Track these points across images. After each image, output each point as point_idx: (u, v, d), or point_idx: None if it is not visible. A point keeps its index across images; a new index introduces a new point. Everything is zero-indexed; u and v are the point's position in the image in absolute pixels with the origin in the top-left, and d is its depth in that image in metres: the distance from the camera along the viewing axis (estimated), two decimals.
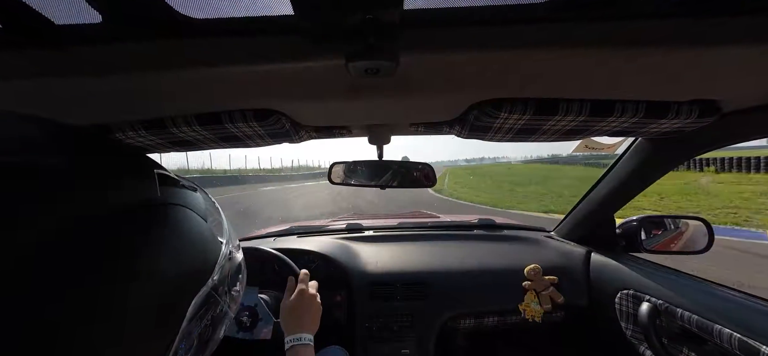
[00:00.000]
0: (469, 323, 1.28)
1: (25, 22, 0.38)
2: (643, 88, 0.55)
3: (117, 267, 0.23)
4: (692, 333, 0.86)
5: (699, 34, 0.39)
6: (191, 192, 0.34)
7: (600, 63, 0.45)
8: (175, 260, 0.28)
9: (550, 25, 0.40)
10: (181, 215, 0.30)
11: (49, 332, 0.19)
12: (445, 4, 0.38)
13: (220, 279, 0.34)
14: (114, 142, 0.30)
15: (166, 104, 0.58)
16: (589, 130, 0.68)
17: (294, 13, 0.36)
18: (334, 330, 1.25)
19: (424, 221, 1.85)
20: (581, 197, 1.31)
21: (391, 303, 1.24)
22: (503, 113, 0.59)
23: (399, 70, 0.43)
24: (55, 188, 0.22)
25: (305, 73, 0.47)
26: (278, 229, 1.72)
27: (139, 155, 0.32)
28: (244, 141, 0.75)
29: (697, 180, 16.83)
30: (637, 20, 0.39)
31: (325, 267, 1.31)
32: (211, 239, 0.34)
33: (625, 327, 1.07)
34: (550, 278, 1.25)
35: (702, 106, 0.60)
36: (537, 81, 0.52)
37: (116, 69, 0.44)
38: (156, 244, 0.27)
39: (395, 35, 0.38)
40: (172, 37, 0.41)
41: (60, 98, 0.51)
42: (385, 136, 0.91)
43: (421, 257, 1.38)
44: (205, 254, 0.32)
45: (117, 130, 0.65)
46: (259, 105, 0.60)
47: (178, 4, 0.36)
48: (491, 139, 0.74)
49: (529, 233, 1.61)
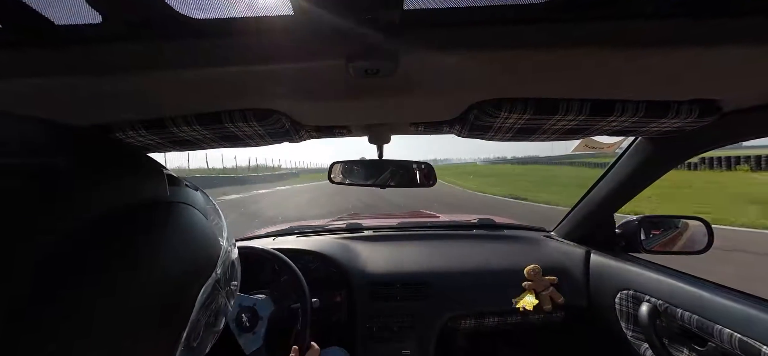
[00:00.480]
0: (469, 323, 1.28)
1: (25, 22, 0.38)
2: (643, 87, 0.55)
3: (137, 261, 0.25)
4: (692, 333, 0.86)
5: (699, 34, 0.39)
6: (193, 192, 0.36)
7: (600, 63, 0.45)
8: (185, 255, 0.30)
9: (550, 25, 0.40)
10: (188, 213, 0.32)
11: (78, 323, 0.21)
12: (445, 4, 0.38)
13: (222, 272, 0.36)
14: (119, 143, 0.31)
15: (166, 104, 0.58)
16: (589, 129, 0.68)
17: (294, 13, 0.36)
18: (334, 331, 1.25)
19: (424, 221, 1.85)
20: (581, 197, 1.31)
21: (391, 303, 1.24)
22: (503, 112, 0.59)
23: (399, 71, 0.43)
24: (75, 189, 0.23)
25: (305, 73, 0.47)
26: (278, 229, 1.71)
27: (148, 157, 0.33)
28: (244, 141, 0.75)
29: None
30: (637, 20, 0.39)
31: (324, 267, 1.31)
32: (213, 235, 0.36)
33: (625, 327, 1.07)
34: (550, 278, 1.25)
35: (702, 105, 0.60)
36: (537, 81, 0.52)
37: (116, 69, 0.44)
38: (168, 240, 0.29)
39: (395, 35, 0.38)
40: (172, 37, 0.41)
41: (60, 98, 0.51)
42: (385, 135, 0.91)
43: (421, 257, 1.38)
44: (210, 250, 0.34)
45: (117, 130, 0.65)
46: (259, 105, 0.60)
47: (178, 4, 0.36)
48: (491, 138, 0.74)
49: (529, 233, 1.61)
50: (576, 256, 1.30)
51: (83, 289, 0.21)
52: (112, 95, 0.52)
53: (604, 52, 0.42)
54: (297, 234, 1.59)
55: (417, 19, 0.39)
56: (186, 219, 0.32)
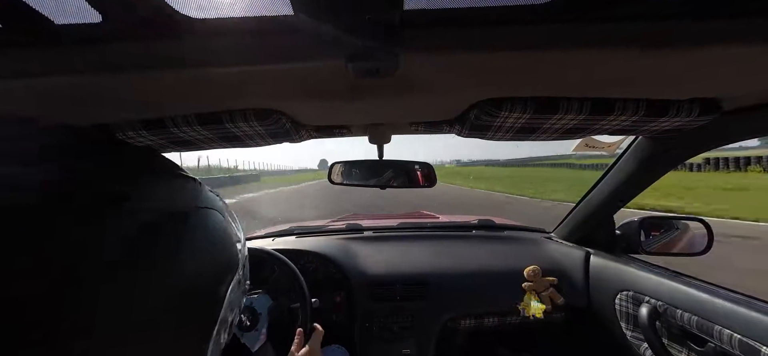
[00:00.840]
0: (469, 323, 1.28)
1: (25, 22, 0.38)
2: (643, 87, 0.55)
3: (179, 262, 0.28)
4: (692, 333, 0.86)
5: (699, 34, 0.39)
6: (213, 195, 0.38)
7: (600, 63, 0.45)
8: (215, 256, 0.33)
9: (550, 25, 0.40)
10: (213, 216, 0.35)
11: (134, 317, 0.23)
12: (445, 4, 0.38)
13: (242, 271, 0.39)
14: (154, 152, 0.32)
15: (166, 104, 0.58)
16: (589, 128, 0.68)
17: (294, 13, 0.36)
18: (334, 331, 1.25)
19: (424, 222, 1.85)
20: (581, 198, 1.31)
21: (391, 303, 1.24)
22: (503, 112, 0.59)
23: (399, 71, 0.43)
24: (131, 198, 0.25)
25: (305, 73, 0.47)
26: (278, 229, 1.71)
27: (176, 164, 0.35)
28: (245, 141, 0.75)
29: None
30: (637, 20, 0.39)
31: (324, 268, 1.31)
32: (235, 236, 0.39)
33: (625, 327, 1.07)
34: (550, 279, 1.25)
35: (702, 104, 0.60)
36: (537, 80, 0.52)
37: (116, 69, 0.44)
38: (201, 243, 0.31)
39: (395, 35, 0.38)
40: (172, 37, 0.41)
41: (60, 98, 0.51)
42: (385, 135, 0.91)
43: (421, 257, 1.38)
44: (233, 249, 0.37)
45: (117, 130, 0.65)
46: (259, 105, 0.60)
47: (178, 4, 0.36)
48: (491, 138, 0.74)
49: (529, 234, 1.61)
50: (576, 257, 1.30)
51: (136, 286, 0.23)
52: (112, 95, 0.52)
53: (604, 52, 0.42)
54: (297, 235, 1.59)
55: (417, 19, 0.39)
56: (213, 222, 0.34)
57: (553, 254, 1.38)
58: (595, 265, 1.24)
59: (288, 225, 1.77)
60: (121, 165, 0.28)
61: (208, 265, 0.32)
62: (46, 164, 0.23)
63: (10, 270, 0.18)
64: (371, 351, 1.21)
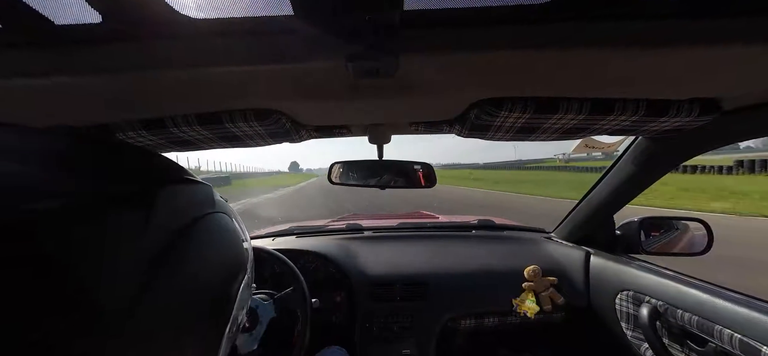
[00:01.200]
0: (469, 323, 1.28)
1: (25, 22, 0.38)
2: (643, 86, 0.55)
3: (200, 264, 0.29)
4: (693, 333, 0.86)
5: (699, 34, 0.39)
6: (221, 198, 0.39)
7: (600, 63, 0.45)
8: (227, 258, 0.35)
9: (550, 25, 0.40)
10: (224, 219, 0.36)
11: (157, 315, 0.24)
12: (445, 4, 0.38)
13: (250, 271, 0.41)
14: (170, 161, 0.33)
15: (166, 104, 0.58)
16: (589, 128, 0.68)
17: (294, 13, 0.36)
18: (334, 331, 1.25)
19: (424, 222, 1.85)
20: (581, 198, 1.31)
21: (391, 303, 1.24)
22: (503, 111, 0.59)
23: (399, 71, 0.43)
24: (158, 207, 0.26)
25: (305, 73, 0.47)
26: (277, 229, 1.71)
27: (188, 171, 0.36)
28: (244, 141, 0.75)
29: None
30: (637, 20, 0.39)
31: (324, 268, 1.31)
32: (243, 238, 0.40)
33: (625, 327, 1.07)
34: (550, 279, 1.25)
35: (702, 104, 0.60)
36: (537, 80, 0.52)
37: (116, 69, 0.44)
38: (216, 246, 0.33)
39: (395, 35, 0.38)
40: (172, 37, 0.41)
41: (60, 98, 0.51)
42: (385, 135, 0.91)
43: (421, 257, 1.38)
44: (242, 251, 0.39)
45: (117, 130, 0.65)
46: (259, 105, 0.60)
47: (178, 4, 0.36)
48: (491, 138, 0.74)
49: (529, 234, 1.61)
50: (576, 257, 1.30)
51: (159, 286, 0.25)
52: (112, 95, 0.52)
53: (604, 52, 0.42)
54: (297, 235, 1.59)
55: (417, 19, 0.39)
56: (225, 224, 0.36)
57: (553, 254, 1.38)
58: (595, 265, 1.24)
59: (288, 225, 1.77)
60: (145, 173, 0.29)
61: (224, 265, 0.33)
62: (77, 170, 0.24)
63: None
64: (371, 351, 1.21)
